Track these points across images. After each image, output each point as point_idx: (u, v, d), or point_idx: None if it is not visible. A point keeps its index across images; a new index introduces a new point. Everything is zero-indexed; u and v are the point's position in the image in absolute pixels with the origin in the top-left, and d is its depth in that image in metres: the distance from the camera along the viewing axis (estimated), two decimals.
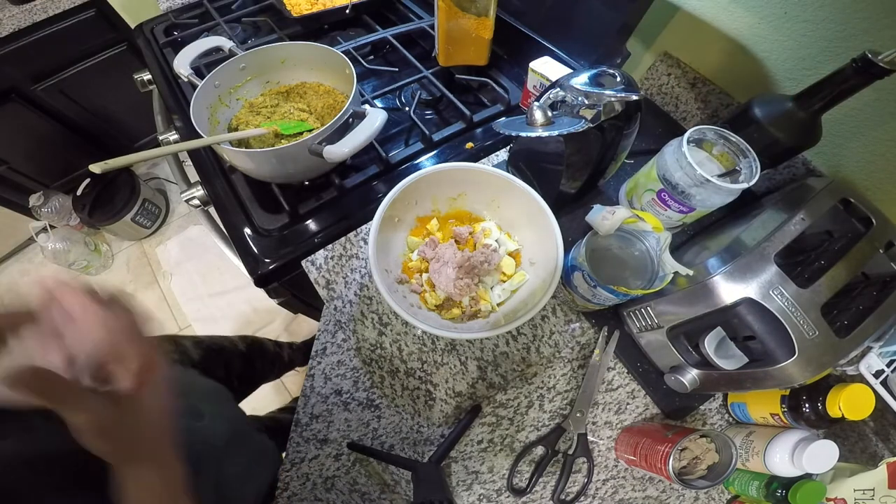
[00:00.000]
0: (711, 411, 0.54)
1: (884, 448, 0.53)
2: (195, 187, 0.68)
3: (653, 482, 0.51)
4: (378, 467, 0.49)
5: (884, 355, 0.46)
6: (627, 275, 0.49)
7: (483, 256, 0.51)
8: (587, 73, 0.46)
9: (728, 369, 0.43)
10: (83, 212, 1.48)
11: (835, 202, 0.47)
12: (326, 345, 0.54)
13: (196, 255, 1.66)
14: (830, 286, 0.41)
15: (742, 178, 0.48)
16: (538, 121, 0.44)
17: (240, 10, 0.88)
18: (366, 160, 0.67)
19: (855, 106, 0.50)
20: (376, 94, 0.73)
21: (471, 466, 0.50)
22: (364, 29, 0.88)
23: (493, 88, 0.74)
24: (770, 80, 0.58)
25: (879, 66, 0.39)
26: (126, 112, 1.52)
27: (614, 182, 0.62)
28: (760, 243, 0.43)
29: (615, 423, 0.52)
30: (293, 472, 0.49)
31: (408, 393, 0.52)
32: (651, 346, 0.51)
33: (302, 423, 0.50)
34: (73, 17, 1.22)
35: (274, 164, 0.56)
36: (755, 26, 0.56)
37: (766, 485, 0.46)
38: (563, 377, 0.53)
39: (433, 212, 0.56)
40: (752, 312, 0.41)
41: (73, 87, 1.35)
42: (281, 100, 0.68)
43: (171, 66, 0.74)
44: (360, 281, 0.57)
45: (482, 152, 0.68)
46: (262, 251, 0.58)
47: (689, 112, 0.69)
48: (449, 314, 0.50)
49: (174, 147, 0.51)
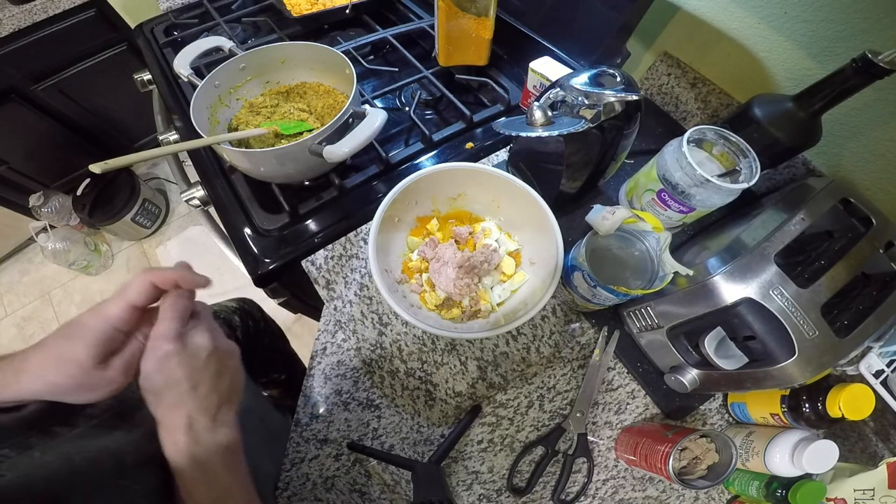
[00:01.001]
0: (711, 411, 0.54)
1: (884, 448, 0.53)
2: (195, 187, 0.68)
3: (653, 482, 0.51)
4: (378, 467, 0.49)
5: (884, 355, 0.46)
6: (627, 275, 0.49)
7: (483, 256, 0.51)
8: (587, 73, 0.46)
9: (728, 369, 0.43)
10: (83, 212, 1.48)
11: (835, 202, 0.47)
12: (326, 345, 0.54)
13: (196, 256, 1.66)
14: (830, 286, 0.41)
15: (742, 178, 0.48)
16: (538, 121, 0.44)
17: (240, 10, 0.88)
18: (366, 160, 0.67)
19: (855, 106, 0.50)
20: (376, 94, 0.73)
21: (471, 466, 0.50)
22: (364, 29, 0.88)
23: (493, 88, 0.74)
24: (770, 80, 0.58)
25: (879, 66, 0.39)
26: (126, 112, 1.52)
27: (614, 182, 0.62)
28: (760, 243, 0.43)
29: (615, 423, 0.52)
30: (293, 472, 0.49)
31: (408, 393, 0.52)
32: (651, 346, 0.51)
33: (302, 423, 0.50)
34: (73, 17, 1.22)
35: (274, 164, 0.56)
36: (755, 26, 0.56)
37: (766, 485, 0.46)
38: (563, 377, 0.53)
39: (433, 212, 0.56)
40: (752, 312, 0.41)
41: (73, 87, 1.35)
42: (281, 100, 0.68)
43: (171, 66, 0.73)
44: (360, 281, 0.57)
45: (482, 152, 0.68)
46: (262, 251, 0.58)
47: (689, 112, 0.69)
48: (449, 314, 0.50)
49: (174, 147, 0.51)
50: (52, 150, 1.46)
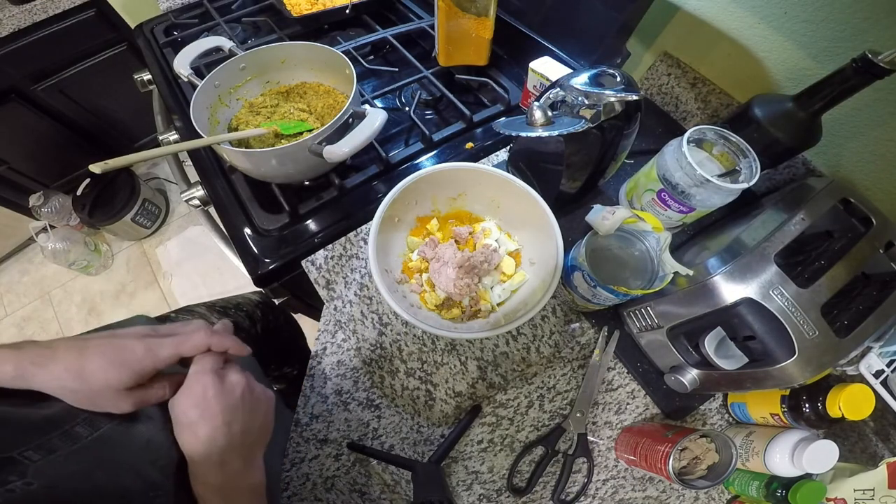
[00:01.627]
0: (711, 411, 0.54)
1: (884, 448, 0.53)
2: (195, 187, 0.68)
3: (653, 482, 0.51)
4: (378, 467, 0.49)
5: (884, 355, 0.46)
6: (627, 275, 0.49)
7: (483, 256, 0.51)
8: (587, 73, 0.46)
9: (728, 369, 0.43)
10: (83, 212, 1.48)
11: (835, 202, 0.47)
12: (326, 345, 0.54)
13: (196, 256, 1.67)
14: (830, 286, 0.41)
15: (742, 178, 0.48)
16: (538, 121, 0.44)
17: (240, 10, 0.88)
18: (366, 160, 0.67)
19: (855, 106, 0.50)
20: (376, 94, 0.73)
21: (471, 466, 0.50)
22: (364, 29, 0.88)
23: (493, 88, 0.74)
24: (770, 80, 0.58)
25: (879, 66, 0.39)
26: (126, 112, 1.52)
27: (614, 182, 0.62)
28: (760, 243, 0.43)
29: (615, 423, 0.52)
30: (293, 472, 0.49)
31: (408, 393, 0.52)
32: (651, 346, 0.51)
33: (302, 423, 0.50)
34: (73, 17, 1.22)
35: (274, 164, 0.56)
36: (755, 26, 0.56)
37: (766, 485, 0.46)
38: (563, 377, 0.53)
39: (433, 212, 0.56)
40: (752, 312, 0.41)
41: (73, 87, 1.35)
42: (281, 100, 0.68)
43: (171, 66, 0.73)
44: (360, 281, 0.57)
45: (482, 152, 0.68)
46: (262, 251, 0.58)
47: (689, 112, 0.69)
48: (449, 314, 0.50)
49: (174, 147, 0.51)
50: (52, 150, 1.46)
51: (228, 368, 0.34)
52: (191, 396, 0.31)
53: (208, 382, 0.31)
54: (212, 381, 0.32)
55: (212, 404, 0.31)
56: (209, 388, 0.31)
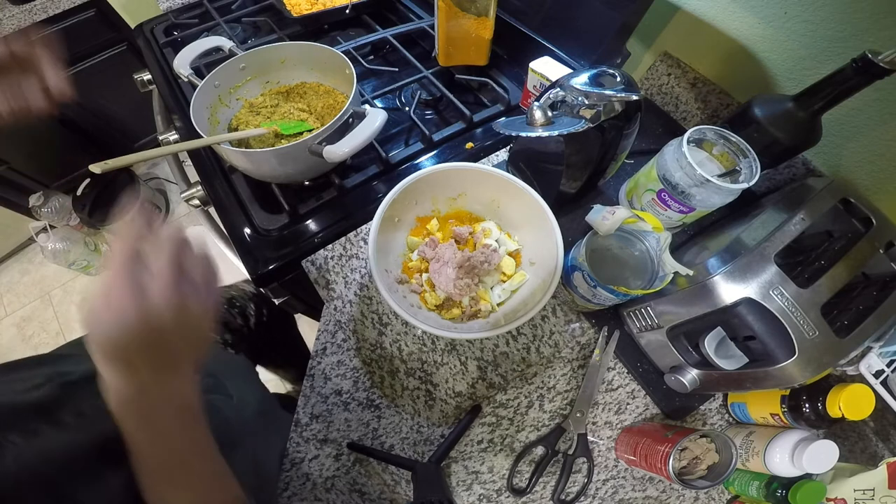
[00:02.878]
0: (711, 411, 0.54)
1: (884, 448, 0.53)
2: (195, 187, 0.68)
3: (653, 482, 0.51)
4: (378, 467, 0.49)
5: (884, 355, 0.46)
6: (627, 275, 0.49)
7: (483, 256, 0.51)
8: (587, 73, 0.46)
9: (728, 369, 0.43)
10: (83, 212, 1.48)
11: (835, 202, 0.47)
12: (326, 345, 0.54)
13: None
14: (830, 286, 0.41)
15: (742, 178, 0.48)
16: (538, 121, 0.44)
17: (240, 10, 0.88)
18: (366, 160, 0.67)
19: (855, 106, 0.50)
20: (376, 94, 0.73)
21: (471, 466, 0.50)
22: (364, 29, 0.88)
23: (493, 88, 0.74)
24: (770, 80, 0.58)
25: (879, 66, 0.39)
26: (126, 112, 1.52)
27: (614, 182, 0.62)
28: (760, 243, 0.43)
29: (615, 423, 0.52)
30: (293, 472, 0.49)
31: (408, 393, 0.52)
32: (651, 346, 0.51)
33: (302, 423, 0.50)
34: (73, 17, 1.23)
35: (274, 164, 0.56)
36: (755, 26, 0.56)
37: (766, 485, 0.46)
38: (563, 377, 0.53)
39: (433, 212, 0.56)
40: (752, 312, 0.41)
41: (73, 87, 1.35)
42: (281, 100, 0.68)
43: (171, 66, 0.74)
44: (360, 281, 0.57)
45: (482, 152, 0.68)
46: (262, 251, 0.58)
47: (689, 112, 0.69)
48: (449, 314, 0.50)
49: (174, 147, 0.51)
50: (52, 150, 1.47)
51: (157, 255, 0.28)
52: (102, 285, 0.27)
53: (119, 269, 0.27)
54: (122, 269, 0.27)
55: (116, 295, 0.26)
56: (117, 277, 0.26)
